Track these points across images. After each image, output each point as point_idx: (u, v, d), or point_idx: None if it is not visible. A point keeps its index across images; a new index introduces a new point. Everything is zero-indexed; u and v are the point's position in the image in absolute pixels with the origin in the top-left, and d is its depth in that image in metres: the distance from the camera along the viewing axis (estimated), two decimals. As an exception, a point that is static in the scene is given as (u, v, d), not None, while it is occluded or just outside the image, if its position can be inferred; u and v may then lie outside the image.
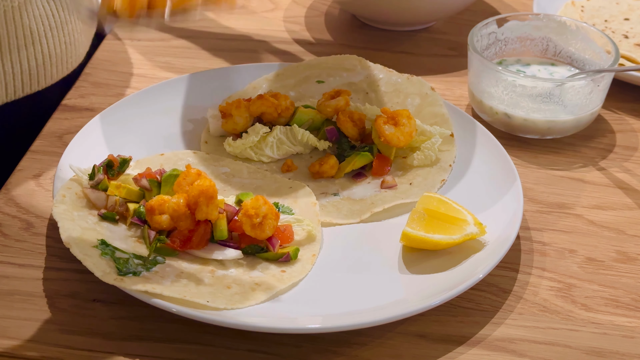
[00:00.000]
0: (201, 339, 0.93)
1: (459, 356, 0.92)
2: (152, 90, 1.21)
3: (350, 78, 1.25)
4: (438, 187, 1.10)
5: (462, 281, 0.95)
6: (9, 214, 1.06)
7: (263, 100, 1.14)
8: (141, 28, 1.05)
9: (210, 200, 0.96)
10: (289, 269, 0.98)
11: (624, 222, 1.10)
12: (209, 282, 0.95)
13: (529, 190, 1.14)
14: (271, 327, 0.90)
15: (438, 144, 1.13)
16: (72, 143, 1.10)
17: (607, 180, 1.16)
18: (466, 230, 0.99)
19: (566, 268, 1.03)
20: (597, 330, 0.96)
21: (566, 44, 1.27)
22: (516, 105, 1.19)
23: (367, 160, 1.13)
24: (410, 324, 0.95)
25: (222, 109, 1.15)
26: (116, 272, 0.93)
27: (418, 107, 1.19)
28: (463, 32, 1.43)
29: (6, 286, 0.97)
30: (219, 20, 1.46)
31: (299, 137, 1.14)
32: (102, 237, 0.97)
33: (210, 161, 1.13)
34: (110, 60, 1.34)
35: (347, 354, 0.92)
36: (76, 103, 1.25)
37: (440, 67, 1.37)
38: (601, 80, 1.18)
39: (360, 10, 1.42)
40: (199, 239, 0.97)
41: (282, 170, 1.14)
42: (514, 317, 0.97)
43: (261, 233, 0.98)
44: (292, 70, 1.25)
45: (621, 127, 1.25)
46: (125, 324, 0.94)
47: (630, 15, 1.42)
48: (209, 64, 1.35)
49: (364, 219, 1.06)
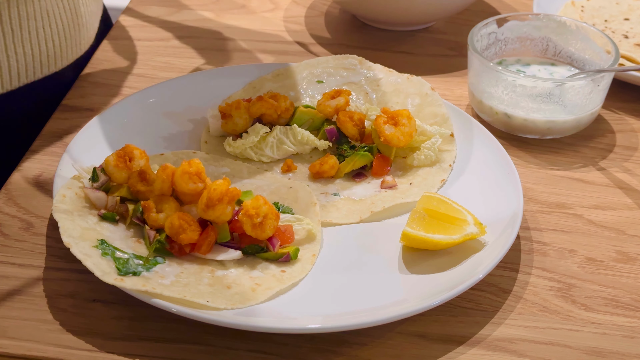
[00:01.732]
0: (201, 339, 0.93)
1: (459, 356, 0.92)
2: (152, 90, 1.21)
3: (350, 78, 1.25)
4: (438, 187, 1.10)
5: (462, 281, 0.95)
6: (9, 214, 1.06)
7: (263, 102, 1.14)
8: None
9: (232, 201, 0.97)
10: (289, 269, 0.98)
11: (624, 222, 1.10)
12: (209, 282, 0.95)
13: (529, 190, 1.14)
14: (271, 327, 0.90)
15: (438, 144, 1.13)
16: (72, 143, 1.10)
17: (607, 180, 1.16)
18: (466, 230, 0.99)
19: (566, 268, 1.03)
20: (597, 330, 0.96)
21: (566, 44, 1.28)
22: (516, 105, 1.19)
23: (367, 160, 1.13)
24: (410, 324, 0.95)
25: (222, 109, 1.15)
26: (116, 272, 0.93)
27: (418, 107, 1.19)
28: (463, 32, 1.43)
29: (6, 286, 0.97)
30: (219, 20, 1.46)
31: (299, 137, 1.14)
32: (102, 237, 0.97)
33: (210, 161, 1.13)
34: (110, 60, 1.34)
35: (347, 354, 0.92)
36: (76, 103, 1.25)
37: (440, 67, 1.37)
38: (601, 80, 1.18)
39: (360, 10, 1.42)
40: (207, 245, 0.97)
41: (282, 170, 1.14)
42: (514, 317, 0.97)
43: (262, 233, 0.98)
44: (292, 70, 1.25)
45: (621, 127, 1.25)
46: (125, 324, 0.94)
47: (630, 15, 1.42)
48: (209, 64, 1.35)
49: (364, 219, 1.06)
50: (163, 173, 0.99)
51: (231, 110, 1.14)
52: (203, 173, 0.99)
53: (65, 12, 1.19)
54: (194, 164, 0.98)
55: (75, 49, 1.24)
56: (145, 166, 1.03)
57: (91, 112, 1.23)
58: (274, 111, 1.14)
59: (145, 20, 1.45)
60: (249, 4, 1.51)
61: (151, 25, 1.44)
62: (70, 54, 1.23)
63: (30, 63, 1.16)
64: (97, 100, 1.26)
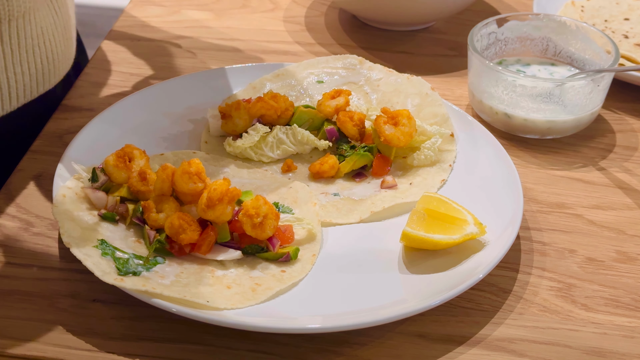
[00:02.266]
0: (201, 339, 0.93)
1: (459, 356, 0.92)
2: (152, 90, 1.21)
3: (350, 78, 1.25)
4: (438, 187, 1.10)
5: (462, 281, 0.95)
6: (9, 214, 1.06)
7: (263, 103, 1.14)
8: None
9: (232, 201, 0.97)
10: (289, 269, 0.98)
11: (624, 222, 1.10)
12: (209, 282, 0.95)
13: (529, 190, 1.13)
14: (271, 327, 0.90)
15: (438, 144, 1.13)
16: (72, 143, 1.10)
17: (607, 180, 1.16)
18: (466, 230, 0.99)
19: (566, 268, 1.03)
20: (597, 330, 0.96)
21: (566, 44, 1.27)
22: (516, 105, 1.19)
23: (367, 160, 1.13)
24: (410, 324, 0.95)
25: (222, 110, 1.15)
26: (116, 272, 0.93)
27: (418, 107, 1.19)
28: (463, 32, 1.43)
29: (6, 286, 0.97)
30: (219, 20, 1.46)
31: (299, 137, 1.14)
32: (102, 237, 0.97)
33: (210, 161, 1.13)
34: (110, 60, 1.34)
35: (347, 354, 0.92)
36: (76, 103, 1.25)
37: (440, 67, 1.37)
38: (601, 80, 1.18)
39: (360, 10, 1.42)
40: (207, 245, 0.97)
41: (282, 170, 1.14)
42: (514, 317, 0.97)
43: (262, 233, 0.98)
44: (292, 70, 1.25)
45: (621, 127, 1.25)
46: (125, 324, 0.94)
47: (630, 15, 1.42)
48: (208, 64, 1.35)
49: (364, 219, 1.06)
50: (163, 173, 0.99)
51: (231, 111, 1.14)
52: (203, 173, 0.99)
53: (57, 27, 1.18)
54: (194, 164, 0.98)
55: (65, 64, 1.23)
56: (145, 166, 1.03)
57: (91, 112, 1.23)
58: (274, 112, 1.14)
59: (145, 20, 1.45)
60: (249, 4, 1.51)
61: (151, 25, 1.44)
62: (61, 70, 1.22)
63: (28, 82, 1.15)
64: (97, 100, 1.25)
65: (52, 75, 1.19)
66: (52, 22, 1.17)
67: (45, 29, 1.16)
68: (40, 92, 1.18)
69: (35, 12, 1.14)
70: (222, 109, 1.15)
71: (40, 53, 1.16)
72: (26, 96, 1.16)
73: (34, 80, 1.15)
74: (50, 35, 1.17)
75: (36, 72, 1.16)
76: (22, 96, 1.15)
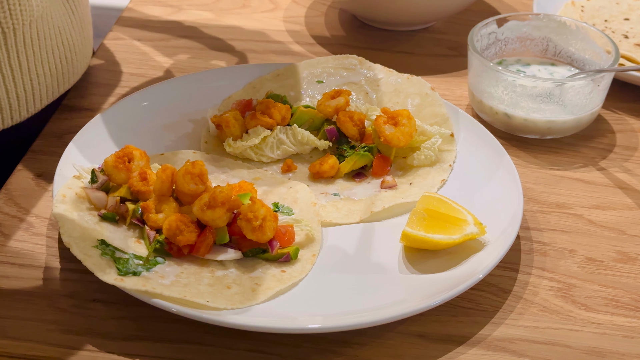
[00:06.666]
0: (201, 339, 0.93)
1: (459, 356, 0.92)
2: (152, 90, 1.21)
3: (350, 78, 1.25)
4: (438, 187, 1.10)
5: (462, 281, 0.95)
6: (9, 214, 1.06)
7: (256, 120, 1.13)
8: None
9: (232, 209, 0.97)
10: (289, 269, 0.98)
11: (624, 222, 1.10)
12: (209, 282, 0.95)
13: (529, 190, 1.14)
14: (271, 327, 0.90)
15: (438, 144, 1.13)
16: (72, 143, 1.10)
17: (607, 180, 1.16)
18: (466, 230, 0.99)
19: (566, 268, 1.03)
20: (597, 330, 0.96)
21: (566, 44, 1.28)
22: (516, 105, 1.19)
23: (367, 160, 1.13)
24: (410, 324, 0.95)
25: (214, 121, 1.14)
26: (116, 272, 0.93)
27: (418, 107, 1.19)
28: (463, 32, 1.43)
29: (6, 286, 0.97)
30: (219, 20, 1.46)
31: (299, 137, 1.14)
32: (102, 237, 0.97)
33: (210, 161, 1.13)
34: (110, 60, 1.34)
35: (347, 354, 0.92)
36: (76, 103, 1.25)
37: (440, 67, 1.37)
38: (601, 80, 1.18)
39: (360, 10, 1.43)
40: (205, 247, 0.97)
41: (282, 170, 1.14)
42: (514, 317, 0.97)
43: (262, 236, 0.97)
44: (292, 70, 1.25)
45: (621, 127, 1.25)
46: (125, 324, 0.94)
47: (630, 15, 1.42)
48: (209, 64, 1.35)
49: (364, 219, 1.06)
50: (163, 173, 0.99)
51: (222, 126, 1.13)
52: (205, 175, 0.99)
53: (74, 26, 1.18)
54: (198, 166, 0.98)
55: (83, 62, 1.23)
56: (146, 166, 1.03)
57: (91, 112, 1.23)
58: (271, 126, 1.14)
59: (145, 20, 1.45)
60: (249, 4, 1.51)
61: (151, 25, 1.44)
62: (80, 68, 1.22)
63: (50, 83, 1.14)
64: (97, 100, 1.26)
65: (71, 74, 1.20)
66: (69, 21, 1.17)
67: (62, 28, 1.16)
68: (61, 93, 1.19)
69: (52, 12, 1.14)
70: (214, 120, 1.15)
71: (60, 53, 1.16)
72: (49, 97, 1.16)
73: (54, 81, 1.16)
74: (68, 35, 1.17)
75: (57, 72, 1.16)
76: (44, 97, 1.15)
